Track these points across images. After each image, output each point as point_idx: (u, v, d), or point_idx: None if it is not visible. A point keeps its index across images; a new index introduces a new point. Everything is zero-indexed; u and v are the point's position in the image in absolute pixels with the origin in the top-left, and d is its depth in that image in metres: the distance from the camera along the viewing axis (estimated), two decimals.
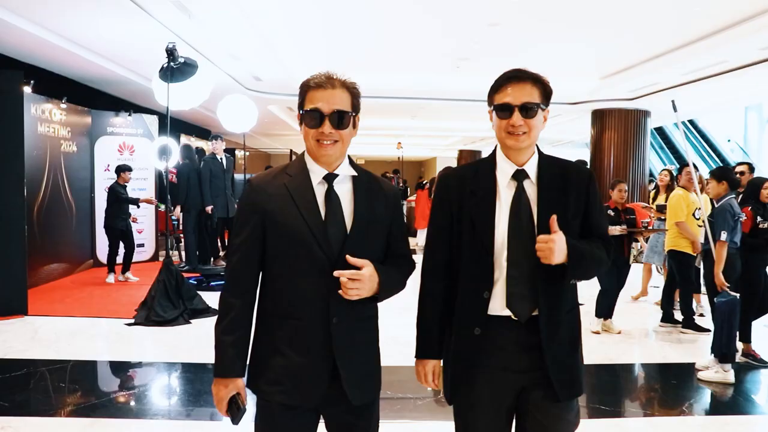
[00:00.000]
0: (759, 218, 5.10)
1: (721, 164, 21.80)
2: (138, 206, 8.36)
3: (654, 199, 8.60)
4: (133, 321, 6.01)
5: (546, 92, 1.85)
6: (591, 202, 1.90)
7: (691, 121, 22.63)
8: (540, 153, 1.92)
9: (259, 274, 1.81)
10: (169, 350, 5.22)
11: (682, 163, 7.44)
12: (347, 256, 1.71)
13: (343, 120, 1.76)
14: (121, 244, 8.19)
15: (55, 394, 4.16)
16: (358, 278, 1.69)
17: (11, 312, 6.09)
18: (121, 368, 4.88)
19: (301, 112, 1.79)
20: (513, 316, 1.81)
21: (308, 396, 1.75)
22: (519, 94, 1.81)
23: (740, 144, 23.52)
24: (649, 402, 4.42)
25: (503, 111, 1.82)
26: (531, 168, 1.88)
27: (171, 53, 6.10)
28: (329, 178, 1.79)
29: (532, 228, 1.81)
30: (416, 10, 6.85)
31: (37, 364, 4.71)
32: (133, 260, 8.45)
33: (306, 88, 1.79)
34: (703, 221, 5.07)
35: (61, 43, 7.08)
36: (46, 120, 7.93)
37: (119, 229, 7.98)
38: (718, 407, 4.31)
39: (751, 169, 6.49)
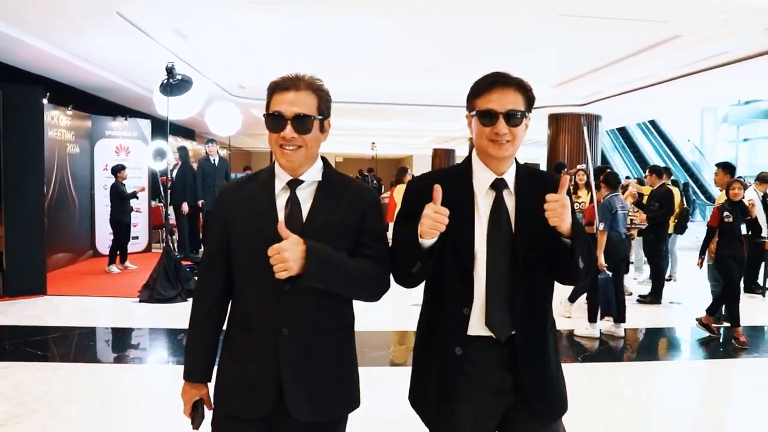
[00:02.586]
0: (725, 213, 6.00)
1: (679, 164, 23.21)
2: (137, 197, 9.41)
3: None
4: (138, 299, 7.08)
5: (529, 99, 1.75)
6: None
7: (652, 122, 23.96)
8: (518, 163, 1.82)
9: (227, 280, 1.79)
10: (170, 321, 6.29)
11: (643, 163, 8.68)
12: (279, 223, 1.61)
13: (306, 124, 1.67)
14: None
15: (85, 349, 5.30)
16: (274, 252, 1.55)
17: (33, 292, 7.13)
18: (134, 332, 6.00)
19: (265, 115, 1.72)
20: (493, 336, 1.73)
21: (253, 408, 1.70)
22: (503, 101, 1.70)
23: (696, 144, 24.97)
24: None
25: (486, 117, 1.71)
26: (510, 178, 1.78)
27: (170, 71, 7.16)
28: (293, 184, 1.73)
29: (512, 240, 1.73)
30: (384, 31, 7.93)
31: (65, 330, 5.79)
32: (128, 251, 9.49)
33: (271, 90, 1.71)
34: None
35: (73, 60, 8.14)
36: (54, 125, 8.93)
37: (126, 224, 9.04)
38: (581, 355, 5.51)
39: (653, 170, 7.73)
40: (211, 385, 1.82)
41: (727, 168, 6.71)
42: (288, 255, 1.54)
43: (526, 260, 1.72)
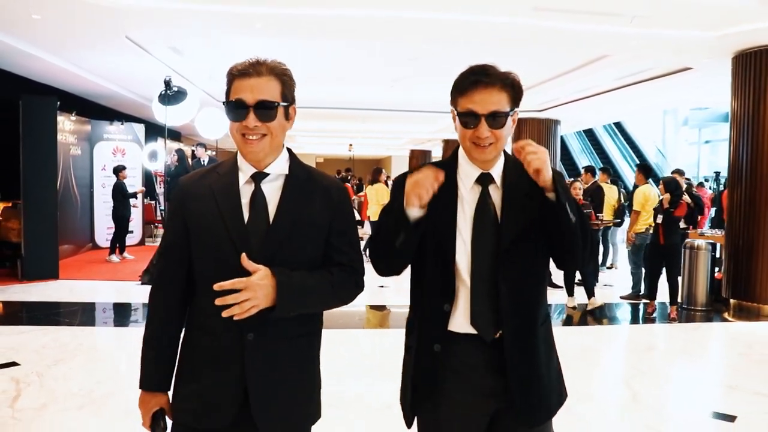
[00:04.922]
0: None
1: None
2: (136, 198, 10.46)
3: None
4: (140, 282, 8.14)
5: (516, 94, 1.66)
6: None
7: (618, 125, 25.25)
8: (506, 156, 1.74)
9: (188, 279, 1.66)
10: None
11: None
12: (242, 257, 1.51)
13: (270, 112, 1.57)
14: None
15: (103, 318, 6.41)
16: (242, 286, 1.48)
17: (47, 276, 8.19)
18: (141, 307, 7.06)
19: (224, 103, 1.62)
20: (479, 334, 1.66)
21: (214, 420, 1.59)
22: (486, 102, 1.60)
23: (659, 146, 26.29)
24: None
25: (467, 118, 1.62)
26: (497, 172, 1.72)
27: (167, 84, 8.21)
28: (257, 177, 1.62)
29: (497, 236, 1.65)
30: (355, 48, 9.04)
31: (82, 305, 6.86)
32: (126, 243, 10.55)
33: (231, 77, 1.62)
34: None
35: (81, 73, 9.21)
36: (60, 130, 9.85)
37: (126, 218, 10.14)
38: None
39: (588, 170, 8.95)
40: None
41: (643, 169, 7.91)
42: (259, 293, 1.50)
43: (511, 252, 1.65)
